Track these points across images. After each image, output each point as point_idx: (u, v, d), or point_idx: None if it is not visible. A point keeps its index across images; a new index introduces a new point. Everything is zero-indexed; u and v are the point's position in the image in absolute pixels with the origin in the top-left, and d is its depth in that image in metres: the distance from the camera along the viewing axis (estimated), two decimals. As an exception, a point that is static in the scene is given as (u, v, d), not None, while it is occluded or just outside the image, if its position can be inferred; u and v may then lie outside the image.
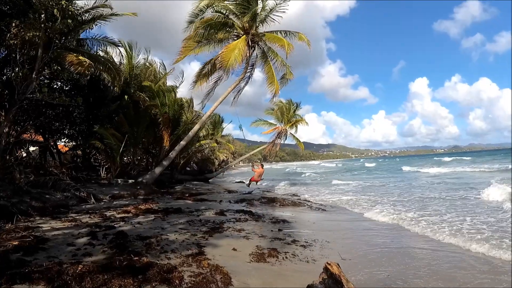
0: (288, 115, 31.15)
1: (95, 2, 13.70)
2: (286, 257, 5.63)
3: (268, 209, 11.64)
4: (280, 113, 31.42)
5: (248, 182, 18.52)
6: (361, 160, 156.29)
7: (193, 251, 5.46)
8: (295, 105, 31.56)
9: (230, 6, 17.64)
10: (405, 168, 42.63)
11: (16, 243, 5.21)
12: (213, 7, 17.60)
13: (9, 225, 6.54)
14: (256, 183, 18.49)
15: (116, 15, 14.36)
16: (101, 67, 14.89)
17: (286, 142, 32.82)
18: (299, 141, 33.08)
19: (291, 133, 31.78)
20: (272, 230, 7.84)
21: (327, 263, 4.11)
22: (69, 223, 7.25)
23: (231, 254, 5.66)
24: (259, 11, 17.68)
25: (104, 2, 13.82)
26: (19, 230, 6.02)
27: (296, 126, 31.25)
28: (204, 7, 17.47)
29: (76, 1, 13.02)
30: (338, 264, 4.11)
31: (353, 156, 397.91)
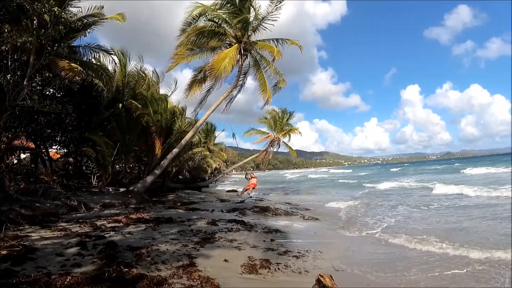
0: (281, 123, 31.32)
1: (88, 10, 13.76)
2: (279, 268, 5.60)
3: (260, 219, 11.62)
4: (273, 122, 31.57)
5: (241, 190, 18.52)
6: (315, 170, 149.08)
7: (184, 262, 5.41)
8: (288, 114, 31.79)
9: (222, 15, 17.74)
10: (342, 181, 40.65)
11: (4, 252, 5.13)
12: (206, 15, 17.65)
13: (-2, 233, 6.43)
14: (249, 193, 18.58)
15: (106, 18, 14.60)
16: (93, 74, 14.76)
17: (279, 150, 33.00)
18: (292, 149, 33.18)
19: (283, 141, 31.94)
20: (264, 241, 7.80)
21: (320, 275, 4.11)
22: (58, 233, 7.16)
23: (223, 265, 5.61)
24: (251, 19, 17.82)
25: (97, 9, 13.90)
26: (7, 239, 5.94)
27: (289, 135, 31.37)
28: (197, 15, 17.47)
29: (70, 8, 13.01)
30: (331, 276, 4.12)
31: (345, 163, 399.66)
